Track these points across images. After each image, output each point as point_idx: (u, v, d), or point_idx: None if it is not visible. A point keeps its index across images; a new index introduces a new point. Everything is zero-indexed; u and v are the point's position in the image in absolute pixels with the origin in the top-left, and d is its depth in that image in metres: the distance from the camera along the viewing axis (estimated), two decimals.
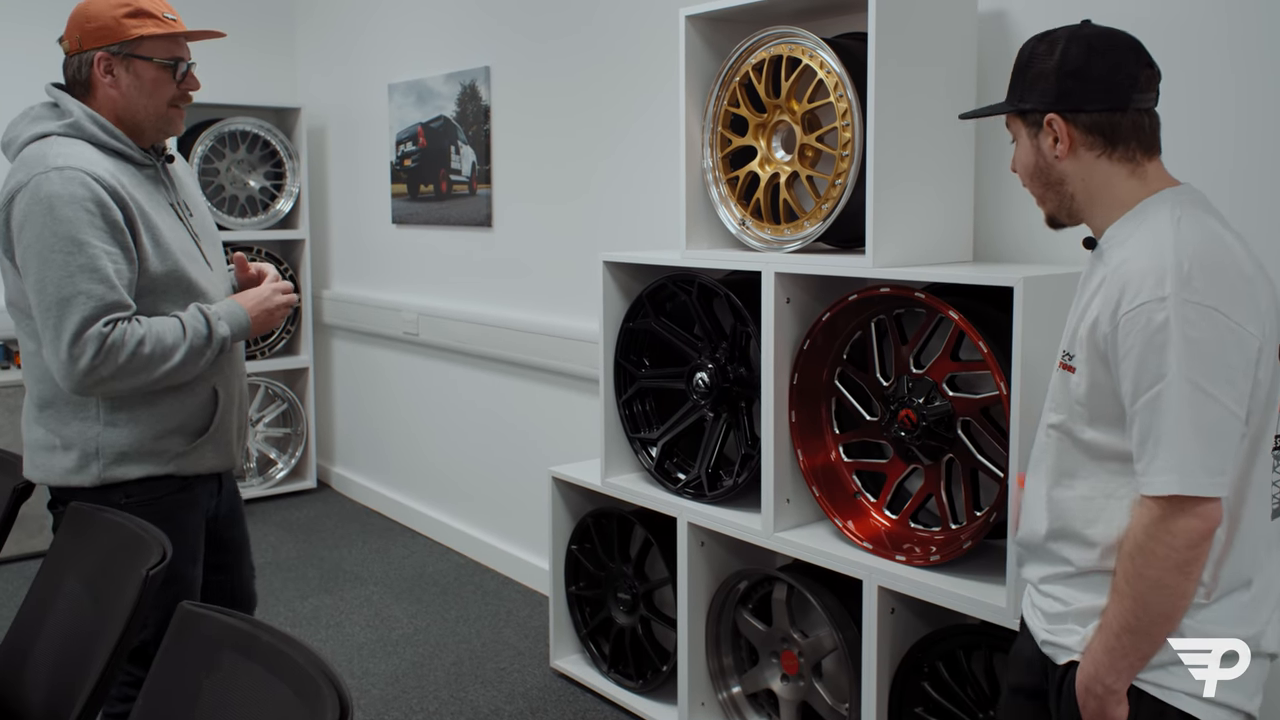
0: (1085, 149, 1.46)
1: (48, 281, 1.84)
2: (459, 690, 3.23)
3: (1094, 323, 1.41)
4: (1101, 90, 1.43)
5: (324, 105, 5.31)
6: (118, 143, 1.97)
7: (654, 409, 3.02)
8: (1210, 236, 1.37)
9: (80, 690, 1.56)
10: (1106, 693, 1.40)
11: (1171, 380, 1.31)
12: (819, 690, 2.61)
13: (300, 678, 1.24)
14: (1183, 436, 1.31)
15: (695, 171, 2.76)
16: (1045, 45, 1.47)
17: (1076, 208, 1.51)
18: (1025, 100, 1.48)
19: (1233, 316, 1.32)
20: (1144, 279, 1.34)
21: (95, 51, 1.96)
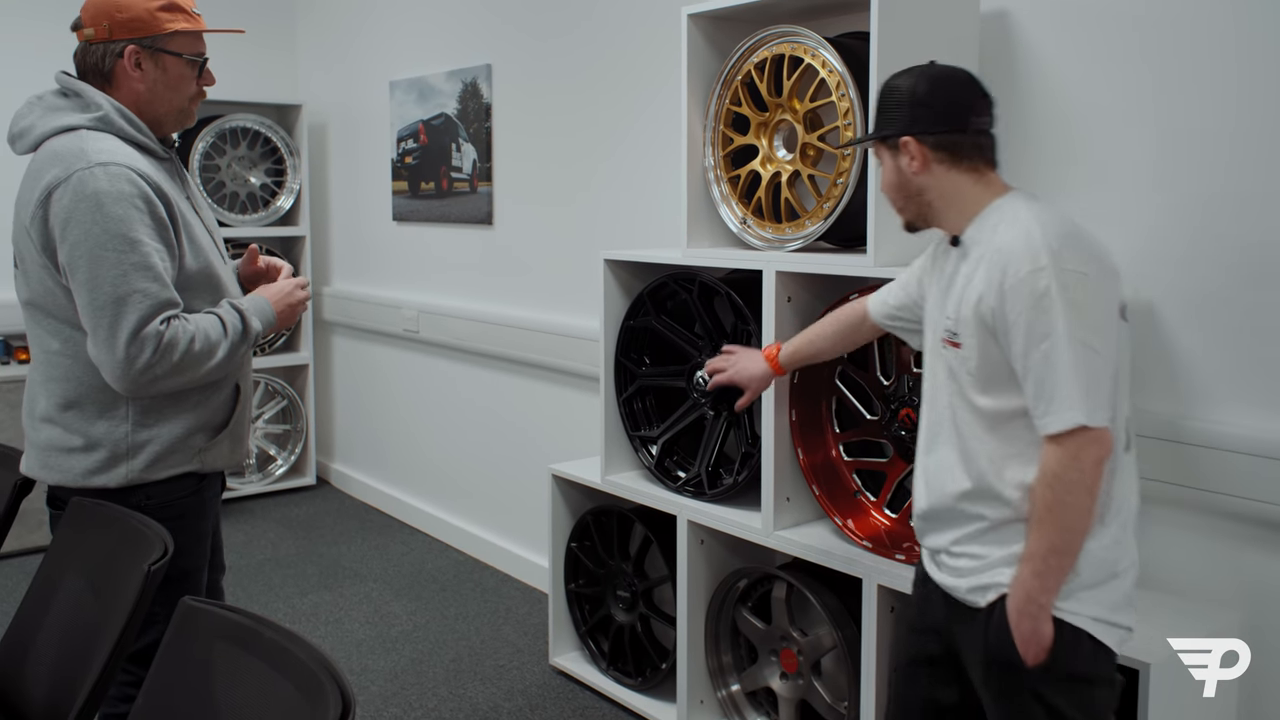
0: (936, 163, 1.73)
1: (101, 281, 1.80)
2: (458, 687, 3.23)
3: (978, 300, 1.64)
4: (944, 116, 1.72)
5: (325, 102, 5.31)
6: (143, 137, 1.94)
7: (654, 407, 3.03)
8: (1062, 219, 1.65)
9: (82, 685, 1.56)
10: (1040, 610, 1.61)
11: (1059, 336, 1.55)
12: (818, 688, 2.61)
13: (302, 674, 1.24)
14: (1073, 380, 1.54)
15: (697, 170, 2.76)
16: (899, 82, 1.76)
17: (932, 214, 1.77)
18: (885, 128, 1.77)
19: (1097, 279, 1.58)
20: (1022, 256, 1.59)
21: (126, 43, 1.92)
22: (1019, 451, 1.65)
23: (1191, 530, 2.23)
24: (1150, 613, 2.17)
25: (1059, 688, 1.65)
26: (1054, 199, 2.42)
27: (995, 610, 1.67)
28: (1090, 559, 1.64)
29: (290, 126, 5.20)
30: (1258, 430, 2.10)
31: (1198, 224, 2.19)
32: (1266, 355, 2.11)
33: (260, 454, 5.31)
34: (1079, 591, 1.64)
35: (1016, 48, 2.47)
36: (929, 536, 1.81)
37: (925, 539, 1.82)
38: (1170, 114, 2.22)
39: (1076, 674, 1.65)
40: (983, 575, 1.70)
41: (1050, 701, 1.65)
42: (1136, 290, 2.29)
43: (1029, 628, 1.62)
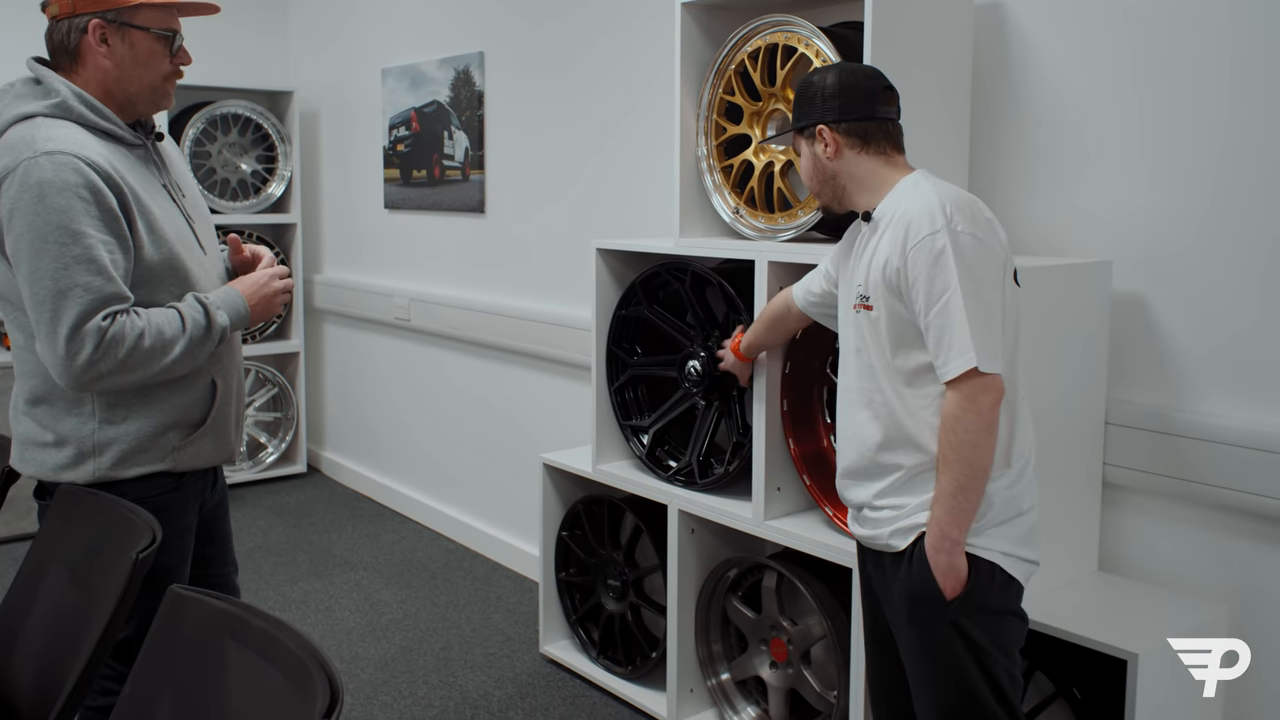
0: (847, 149, 1.90)
1: (42, 274, 1.74)
2: (448, 675, 3.23)
3: (884, 264, 1.79)
4: (852, 105, 1.89)
5: (317, 89, 5.29)
6: (107, 123, 1.87)
7: (645, 396, 3.02)
8: (957, 190, 1.82)
9: (69, 673, 1.56)
10: (953, 545, 1.75)
11: (954, 291, 1.70)
12: (807, 677, 2.62)
13: (291, 662, 1.24)
14: (968, 330, 1.70)
15: (689, 159, 2.75)
16: (813, 79, 1.94)
17: (847, 196, 1.93)
18: (802, 120, 1.94)
19: (986, 242, 1.74)
20: (921, 220, 1.75)
21: (89, 17, 1.85)
22: (931, 402, 1.79)
23: (1179, 521, 2.24)
24: (1138, 604, 2.19)
25: (975, 619, 1.77)
26: (1045, 188, 2.43)
27: (915, 549, 1.81)
28: (998, 498, 1.78)
29: (282, 113, 5.18)
30: (1246, 422, 2.10)
31: (1188, 216, 2.19)
32: (1255, 347, 2.11)
33: (251, 442, 5.30)
34: (989, 529, 1.78)
35: (1010, 38, 2.47)
36: (851, 492, 1.94)
37: (847, 495, 1.95)
38: (1163, 105, 2.22)
39: (989, 606, 1.78)
40: (902, 521, 1.83)
41: (967, 631, 1.77)
42: (1126, 282, 2.30)
43: (945, 561, 1.76)
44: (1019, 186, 2.48)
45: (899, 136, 1.94)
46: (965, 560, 1.76)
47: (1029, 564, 1.83)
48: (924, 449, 1.80)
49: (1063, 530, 2.25)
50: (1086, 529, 2.33)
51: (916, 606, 1.81)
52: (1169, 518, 2.25)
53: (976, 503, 1.75)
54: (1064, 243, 2.41)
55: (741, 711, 2.81)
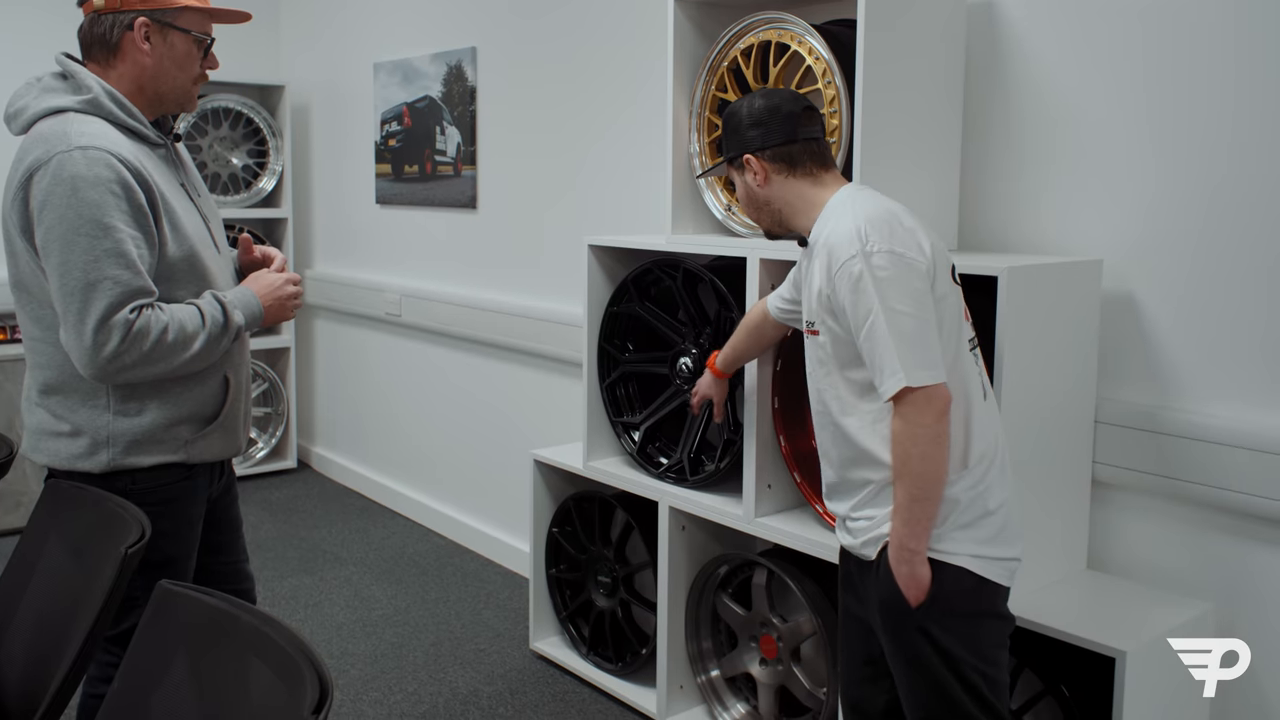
0: (775, 174, 1.94)
1: (72, 266, 1.78)
2: (438, 671, 3.23)
3: (819, 290, 1.83)
4: (774, 131, 1.92)
5: (308, 83, 5.27)
6: (134, 121, 1.91)
7: (637, 393, 3.02)
8: (876, 205, 1.83)
9: (57, 668, 1.56)
10: (913, 555, 1.76)
11: (876, 311, 1.73)
12: (797, 674, 2.62)
13: (280, 658, 1.24)
14: (893, 349, 1.71)
15: (682, 156, 2.75)
16: (735, 108, 1.97)
17: (784, 219, 1.96)
18: (730, 151, 1.98)
19: (904, 253, 1.75)
20: (839, 246, 1.78)
21: (136, 14, 1.90)
22: (884, 416, 1.80)
23: (1168, 520, 2.25)
24: (1127, 602, 2.19)
25: (945, 624, 1.78)
26: (1036, 187, 2.43)
27: (883, 559, 1.83)
28: (961, 499, 1.78)
29: (273, 107, 5.16)
30: (1234, 421, 2.11)
31: (1179, 215, 2.20)
32: (1244, 346, 2.12)
33: None
34: (953, 531, 1.79)
35: (1003, 37, 2.47)
36: (833, 504, 1.96)
37: (831, 506, 1.97)
38: (1155, 106, 2.23)
39: (959, 610, 1.79)
40: (872, 532, 1.85)
41: (937, 639, 1.78)
42: (1116, 281, 2.30)
43: (906, 572, 1.77)
44: (1010, 185, 2.49)
45: (826, 154, 1.96)
46: (928, 568, 1.77)
47: (1004, 562, 1.82)
48: (885, 464, 1.81)
49: (1052, 528, 2.26)
50: (1075, 527, 2.34)
51: (888, 615, 1.83)
52: (1158, 516, 2.26)
53: (933, 512, 1.76)
54: (1054, 241, 2.41)
55: (731, 708, 2.82)
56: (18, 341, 4.48)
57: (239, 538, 2.26)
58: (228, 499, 2.20)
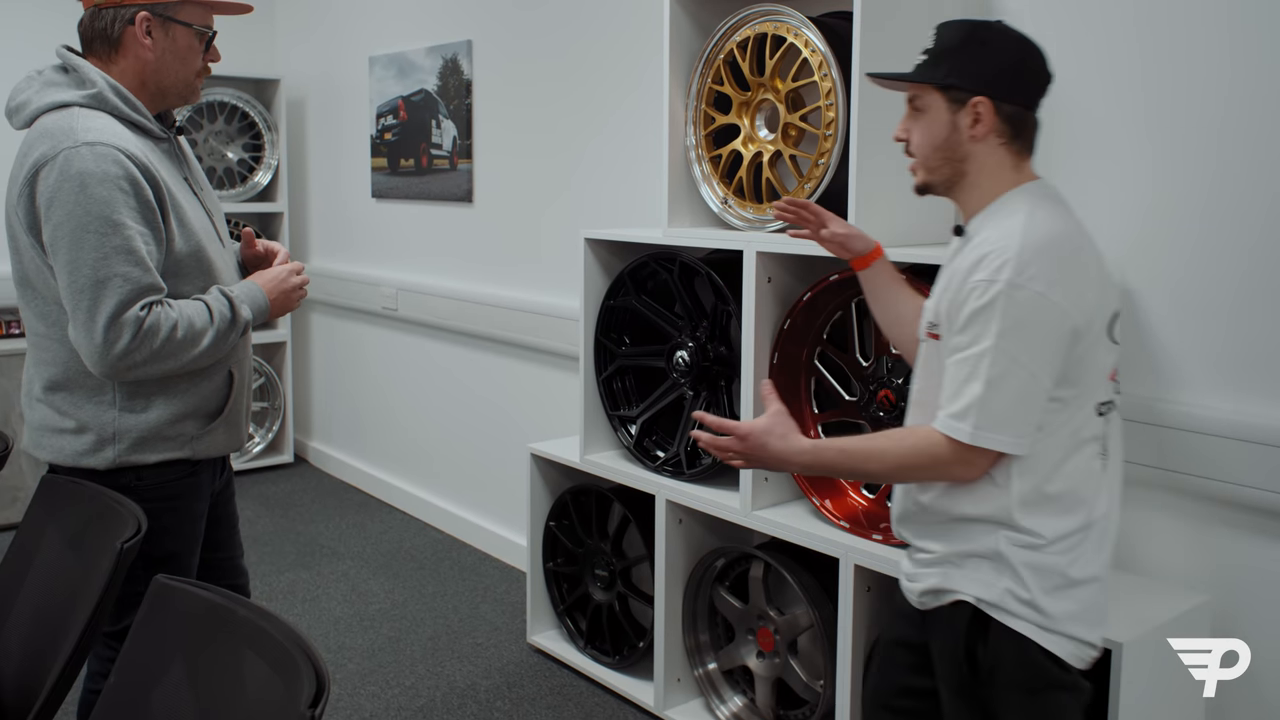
0: (995, 135, 1.62)
1: (82, 263, 1.77)
2: (435, 665, 3.23)
3: (955, 292, 1.60)
4: (1025, 87, 1.63)
5: (304, 77, 5.26)
6: (138, 116, 1.90)
7: (634, 387, 3.02)
8: (1055, 228, 1.57)
9: (53, 663, 1.55)
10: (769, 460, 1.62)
11: (988, 348, 1.51)
12: (794, 667, 2.63)
13: (277, 652, 1.24)
14: (983, 395, 1.51)
15: (678, 149, 2.74)
16: (986, 34, 1.63)
17: (962, 186, 1.67)
18: (954, 77, 1.61)
19: (1057, 301, 1.51)
20: (990, 261, 1.53)
21: (137, 9, 1.88)
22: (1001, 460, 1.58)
23: (1165, 512, 2.25)
24: (1124, 594, 2.20)
25: (1007, 699, 1.61)
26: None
27: (946, 613, 1.66)
28: (1038, 563, 1.59)
29: (268, 101, 5.14)
30: (1232, 413, 2.11)
31: (1177, 209, 2.20)
32: (1242, 339, 2.12)
33: None
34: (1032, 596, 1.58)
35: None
36: (904, 530, 1.78)
37: (900, 532, 1.79)
38: (1155, 98, 2.23)
39: (1024, 684, 1.60)
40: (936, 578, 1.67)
41: (992, 707, 1.62)
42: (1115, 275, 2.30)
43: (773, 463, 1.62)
44: None
45: (1036, 138, 1.69)
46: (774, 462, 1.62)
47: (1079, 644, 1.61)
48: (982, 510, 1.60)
49: None
50: None
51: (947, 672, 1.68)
52: (1155, 508, 2.26)
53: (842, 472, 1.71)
54: None
55: (728, 701, 2.82)
56: (12, 336, 4.47)
57: (235, 533, 2.26)
58: (226, 494, 2.20)
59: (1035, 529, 1.58)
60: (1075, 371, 1.56)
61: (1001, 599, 1.60)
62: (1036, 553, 1.59)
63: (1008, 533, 1.60)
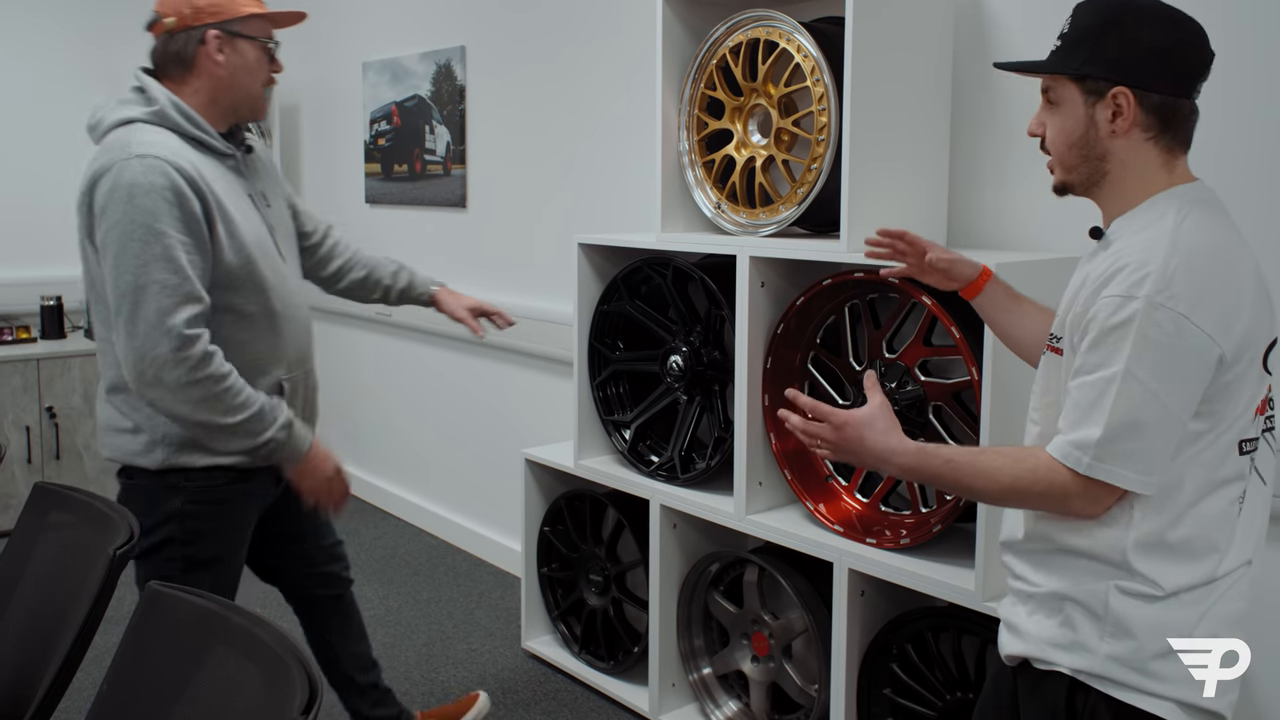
0: (1140, 129, 1.42)
1: (124, 269, 1.85)
2: (430, 671, 3.23)
3: (1084, 305, 1.42)
4: (1175, 73, 1.41)
5: (297, 83, 5.25)
6: (200, 132, 1.98)
7: (627, 392, 3.02)
8: (1206, 242, 1.37)
9: (45, 671, 1.55)
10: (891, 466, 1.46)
11: (1119, 372, 1.33)
12: (789, 671, 2.63)
13: (270, 659, 1.23)
14: (1114, 424, 1.33)
15: (671, 154, 2.75)
16: (1126, 14, 1.42)
17: (1104, 184, 1.47)
18: (1091, 66, 1.42)
19: (1202, 325, 1.32)
20: (1129, 274, 1.34)
21: (207, 28, 1.98)
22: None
23: None
24: None
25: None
26: (1026, 184, 2.43)
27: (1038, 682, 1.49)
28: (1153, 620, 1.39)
29: None
30: None
31: None
32: None
33: None
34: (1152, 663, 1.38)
35: (991, 32, 2.48)
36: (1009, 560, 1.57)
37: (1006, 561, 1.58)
38: None
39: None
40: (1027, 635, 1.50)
41: None
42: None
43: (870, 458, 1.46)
44: (999, 181, 2.49)
45: (1193, 128, 1.46)
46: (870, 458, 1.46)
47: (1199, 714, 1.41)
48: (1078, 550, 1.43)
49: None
50: None
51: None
52: None
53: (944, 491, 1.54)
54: (1045, 238, 2.42)
55: (723, 706, 2.82)
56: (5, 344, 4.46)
57: (318, 524, 2.38)
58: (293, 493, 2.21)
59: (1153, 576, 1.38)
60: (1216, 403, 1.37)
61: (1105, 668, 1.41)
62: (1151, 605, 1.39)
63: (1119, 580, 1.40)
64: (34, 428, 4.35)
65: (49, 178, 4.89)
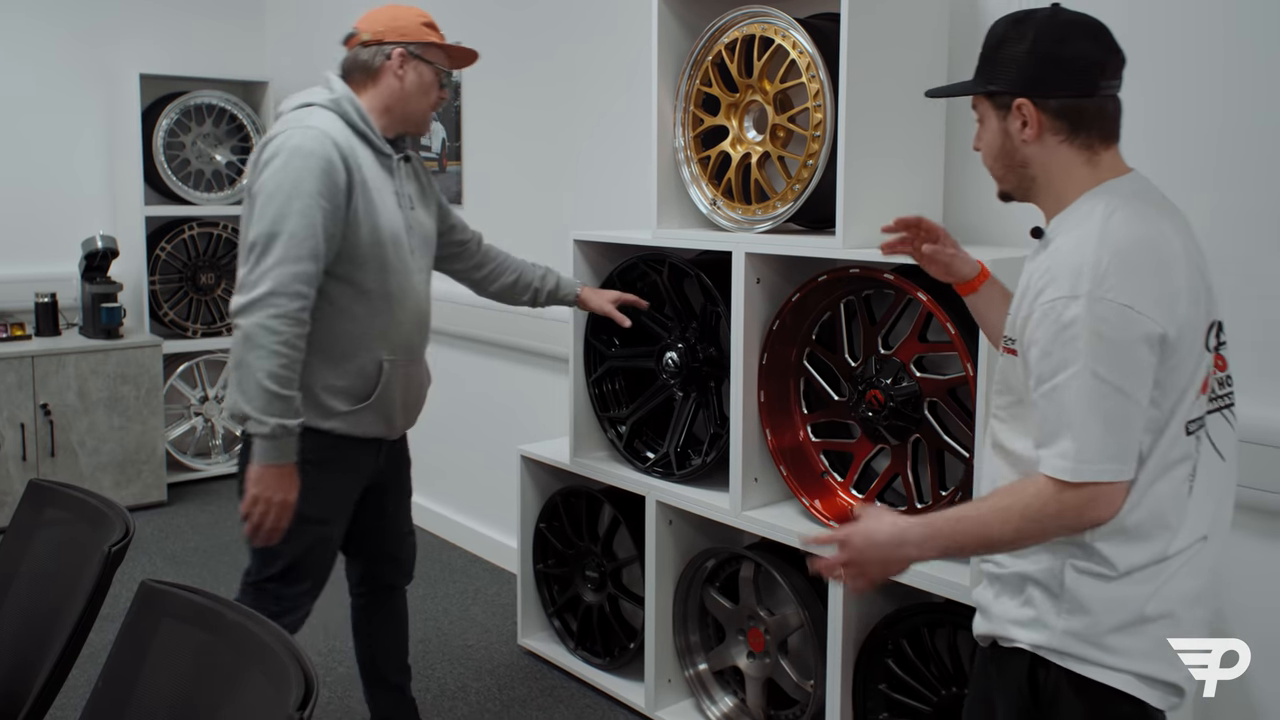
0: (1050, 134, 1.48)
1: (264, 216, 2.07)
2: (426, 668, 3.23)
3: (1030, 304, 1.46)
4: (1070, 77, 1.47)
5: (292, 79, 5.24)
6: (365, 126, 2.22)
7: (623, 388, 3.02)
8: (1136, 233, 1.41)
9: (40, 668, 1.55)
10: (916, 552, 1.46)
11: (1077, 372, 1.36)
12: (784, 667, 2.63)
13: (266, 656, 1.24)
14: (1087, 425, 1.36)
15: (667, 151, 2.75)
16: (1018, 29, 1.50)
17: (1035, 189, 1.54)
18: (995, 82, 1.51)
19: (1144, 311, 1.36)
20: (1066, 275, 1.39)
21: (396, 46, 2.27)
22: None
23: None
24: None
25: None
26: None
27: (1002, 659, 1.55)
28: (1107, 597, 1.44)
29: (256, 104, 5.13)
30: None
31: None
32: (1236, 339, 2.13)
33: (227, 434, 5.26)
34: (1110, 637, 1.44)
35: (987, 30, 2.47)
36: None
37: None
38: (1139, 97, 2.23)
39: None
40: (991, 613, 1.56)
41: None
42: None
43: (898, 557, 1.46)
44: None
45: (1116, 122, 1.51)
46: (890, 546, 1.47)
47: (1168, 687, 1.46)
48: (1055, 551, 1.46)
49: None
50: None
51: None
52: None
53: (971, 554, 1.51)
54: None
55: (719, 701, 2.82)
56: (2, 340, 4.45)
57: (404, 506, 2.53)
58: (396, 464, 2.47)
59: (1108, 557, 1.43)
60: (1163, 386, 1.41)
61: (1063, 643, 1.46)
62: (1106, 584, 1.44)
63: (1075, 560, 1.45)
64: (29, 425, 4.34)
65: (42, 174, 4.88)
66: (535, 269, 2.75)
